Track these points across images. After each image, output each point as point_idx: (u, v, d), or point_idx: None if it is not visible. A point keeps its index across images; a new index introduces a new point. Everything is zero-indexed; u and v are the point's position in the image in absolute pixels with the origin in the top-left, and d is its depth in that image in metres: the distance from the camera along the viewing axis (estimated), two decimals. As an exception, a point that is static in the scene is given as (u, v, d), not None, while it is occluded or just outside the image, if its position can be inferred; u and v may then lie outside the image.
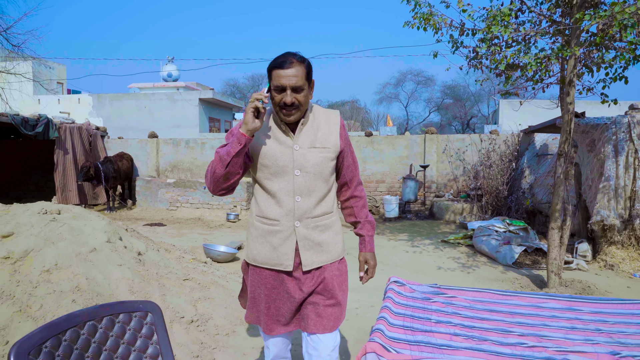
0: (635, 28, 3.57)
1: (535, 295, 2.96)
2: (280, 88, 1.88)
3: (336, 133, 2.02)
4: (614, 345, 2.26)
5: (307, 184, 1.95)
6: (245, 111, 1.85)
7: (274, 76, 1.89)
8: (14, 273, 3.34)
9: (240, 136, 1.84)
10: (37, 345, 1.43)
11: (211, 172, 1.90)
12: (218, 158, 1.88)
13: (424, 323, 2.50)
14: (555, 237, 5.04)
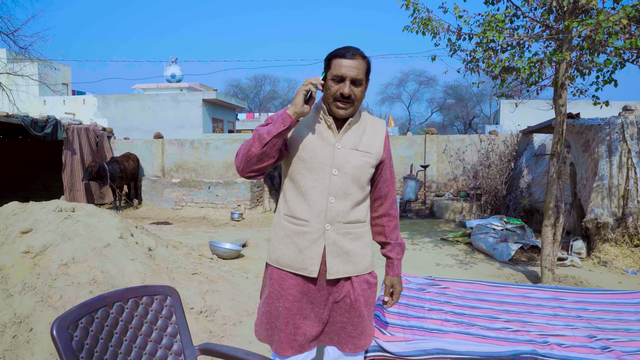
0: (621, 34, 3.76)
1: (523, 286, 3.16)
2: (340, 78, 1.78)
3: (381, 141, 1.91)
4: (592, 330, 2.46)
5: (343, 186, 1.82)
6: (297, 92, 1.74)
7: (335, 65, 1.79)
8: (34, 266, 3.55)
9: (286, 117, 1.73)
10: (74, 321, 1.64)
11: (245, 151, 1.76)
12: (257, 136, 1.74)
13: (418, 310, 2.70)
14: (548, 234, 5.23)
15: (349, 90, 1.76)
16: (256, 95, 54.07)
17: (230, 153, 12.31)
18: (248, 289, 4.63)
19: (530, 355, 2.11)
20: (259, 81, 53.24)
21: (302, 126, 1.86)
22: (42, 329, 3.00)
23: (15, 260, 3.57)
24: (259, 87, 53.91)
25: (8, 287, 3.31)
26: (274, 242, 1.89)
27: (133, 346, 1.80)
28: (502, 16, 4.53)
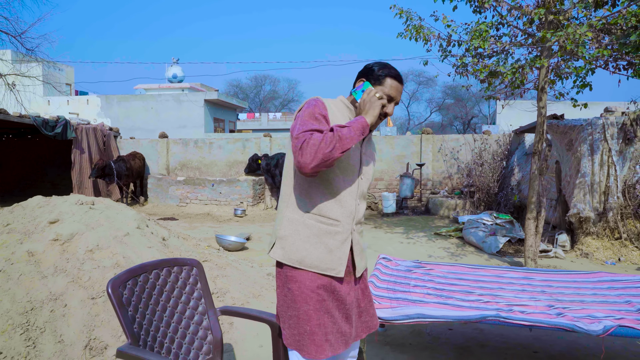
0: (592, 44, 4.17)
1: (498, 268, 3.58)
2: (389, 99, 1.87)
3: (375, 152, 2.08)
4: (552, 301, 2.87)
5: (363, 190, 1.93)
6: (373, 105, 1.79)
7: (389, 85, 1.86)
8: (63, 252, 3.96)
9: (366, 127, 1.75)
10: (123, 283, 2.05)
11: (322, 151, 1.65)
12: (338, 139, 1.67)
13: (404, 287, 3.12)
14: (531, 226, 5.65)
15: (392, 111, 1.89)
16: (256, 95, 54.48)
17: (233, 152, 12.73)
18: (253, 275, 5.05)
19: (495, 318, 2.53)
20: (259, 81, 53.70)
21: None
22: (75, 305, 3.41)
23: (46, 246, 3.97)
24: (259, 87, 54.35)
25: (41, 270, 3.72)
26: (297, 241, 1.81)
27: (167, 305, 2.22)
28: (486, 26, 4.93)
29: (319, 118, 1.78)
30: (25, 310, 3.25)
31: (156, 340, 2.09)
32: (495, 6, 5.18)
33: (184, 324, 2.24)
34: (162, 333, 2.13)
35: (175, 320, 2.22)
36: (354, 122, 1.74)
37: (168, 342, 2.15)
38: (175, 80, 31.57)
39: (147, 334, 2.05)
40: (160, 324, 2.14)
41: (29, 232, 4.19)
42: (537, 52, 5.38)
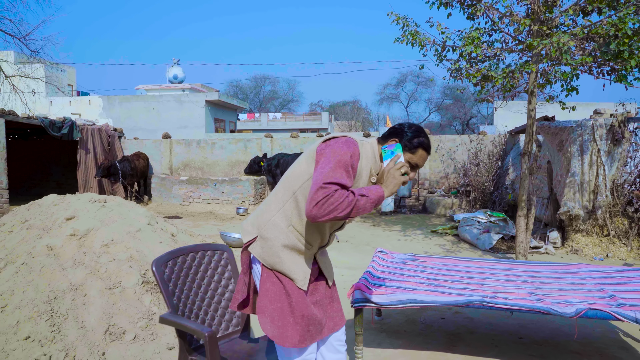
0: (577, 52, 4.45)
1: (486, 260, 3.85)
2: (415, 166, 1.97)
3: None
4: (533, 289, 3.15)
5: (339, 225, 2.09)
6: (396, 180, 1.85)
7: (419, 155, 1.94)
8: (80, 247, 4.23)
9: (382, 199, 1.85)
10: (164, 262, 2.37)
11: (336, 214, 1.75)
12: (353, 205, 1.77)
13: (398, 277, 3.40)
14: (522, 223, 5.93)
15: (413, 176, 1.95)
16: (256, 95, 54.75)
17: (234, 152, 12.99)
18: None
19: (479, 302, 2.80)
20: (259, 81, 53.97)
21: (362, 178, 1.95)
22: (94, 294, 3.68)
23: (64, 241, 4.24)
24: (259, 87, 54.62)
25: (61, 262, 3.99)
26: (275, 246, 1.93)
27: (201, 283, 2.54)
28: (478, 33, 5.21)
29: (349, 170, 1.84)
30: (49, 299, 3.52)
31: (192, 311, 2.43)
32: (487, 14, 5.45)
33: (215, 299, 2.57)
34: (197, 306, 2.46)
35: (208, 295, 2.55)
36: (373, 194, 1.82)
37: (202, 314, 2.49)
38: (176, 81, 31.85)
39: (184, 306, 2.38)
40: (195, 298, 2.46)
41: (47, 227, 4.45)
42: (527, 58, 5.66)
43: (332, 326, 2.09)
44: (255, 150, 12.75)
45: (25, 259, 3.97)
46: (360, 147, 1.94)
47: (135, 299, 3.80)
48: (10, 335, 3.20)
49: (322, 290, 2.07)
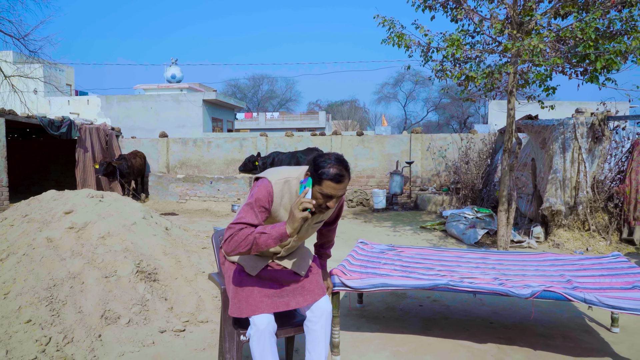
0: (549, 53, 4.69)
1: (460, 250, 4.10)
2: (328, 196, 2.13)
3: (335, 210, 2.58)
4: (498, 275, 3.39)
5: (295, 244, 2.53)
6: (295, 218, 2.01)
7: (326, 185, 2.10)
8: (78, 239, 4.47)
9: (285, 236, 2.06)
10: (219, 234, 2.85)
11: (239, 250, 2.11)
12: (253, 242, 2.07)
13: (375, 264, 3.64)
14: (502, 218, 6.17)
15: (333, 205, 2.16)
16: (254, 94, 54.96)
17: (230, 151, 13.23)
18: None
19: (445, 285, 3.05)
20: (257, 81, 54.19)
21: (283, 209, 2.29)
22: (91, 282, 3.92)
23: (62, 234, 4.47)
24: (257, 86, 54.83)
25: (60, 253, 4.23)
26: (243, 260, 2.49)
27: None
28: (460, 35, 5.45)
29: (257, 212, 2.17)
30: (49, 286, 3.75)
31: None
32: (468, 17, 5.69)
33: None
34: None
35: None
36: (274, 231, 2.08)
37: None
38: (174, 81, 32.06)
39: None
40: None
41: (46, 221, 4.69)
42: (507, 59, 5.90)
43: (299, 302, 2.54)
44: (250, 149, 12.99)
45: (26, 250, 4.20)
46: (278, 187, 2.22)
47: (130, 287, 4.04)
48: (13, 319, 3.43)
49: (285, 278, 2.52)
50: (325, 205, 2.16)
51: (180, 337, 3.64)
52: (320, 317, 2.56)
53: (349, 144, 12.36)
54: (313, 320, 2.56)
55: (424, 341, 3.58)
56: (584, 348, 3.49)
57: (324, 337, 2.55)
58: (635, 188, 6.99)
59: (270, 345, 2.39)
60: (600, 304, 2.77)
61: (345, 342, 3.53)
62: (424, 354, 3.37)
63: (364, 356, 3.32)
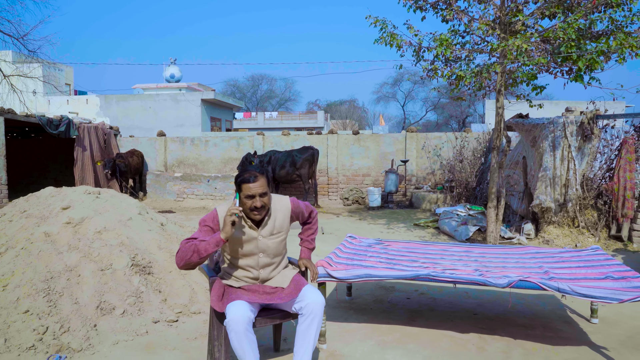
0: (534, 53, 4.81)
1: (445, 244, 4.22)
2: (251, 196, 2.58)
3: (287, 214, 2.82)
4: (479, 267, 3.52)
5: (266, 260, 2.75)
6: (225, 223, 2.49)
7: (244, 188, 2.59)
8: (75, 233, 4.59)
9: (219, 241, 2.50)
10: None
11: (185, 259, 2.53)
12: (194, 250, 2.50)
13: (361, 257, 3.76)
14: (492, 214, 6.30)
15: (260, 203, 2.60)
16: (253, 94, 55.06)
17: (227, 149, 13.36)
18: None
19: (426, 276, 3.17)
20: (256, 81, 54.29)
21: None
22: (87, 275, 4.05)
23: (60, 228, 4.59)
24: (256, 86, 54.93)
25: (57, 247, 4.35)
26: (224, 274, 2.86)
27: None
28: (449, 35, 5.58)
29: (202, 230, 2.64)
30: (46, 279, 3.88)
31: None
32: (457, 17, 5.82)
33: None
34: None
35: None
36: (212, 238, 2.54)
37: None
38: (173, 80, 32.16)
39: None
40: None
41: (44, 216, 4.81)
42: (495, 59, 6.02)
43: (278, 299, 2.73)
44: (247, 148, 13.11)
45: (25, 244, 4.32)
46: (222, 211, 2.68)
47: (125, 280, 4.16)
48: (12, 309, 3.56)
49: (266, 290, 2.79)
50: (253, 206, 2.61)
51: (173, 327, 3.76)
52: (313, 308, 2.68)
53: (344, 142, 12.48)
54: (305, 313, 2.68)
55: (409, 331, 3.71)
56: (563, 337, 3.62)
57: (315, 327, 2.68)
58: (623, 185, 7.12)
59: (245, 334, 2.51)
60: (573, 292, 2.90)
61: (332, 332, 3.65)
62: (408, 342, 3.49)
63: (349, 345, 3.44)
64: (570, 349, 3.41)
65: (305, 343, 2.64)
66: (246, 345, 2.52)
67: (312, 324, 2.65)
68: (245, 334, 2.51)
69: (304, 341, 2.64)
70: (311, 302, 2.66)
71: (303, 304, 2.68)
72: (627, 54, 5.12)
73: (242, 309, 2.55)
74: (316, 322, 2.66)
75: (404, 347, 3.42)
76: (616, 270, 3.26)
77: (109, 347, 3.38)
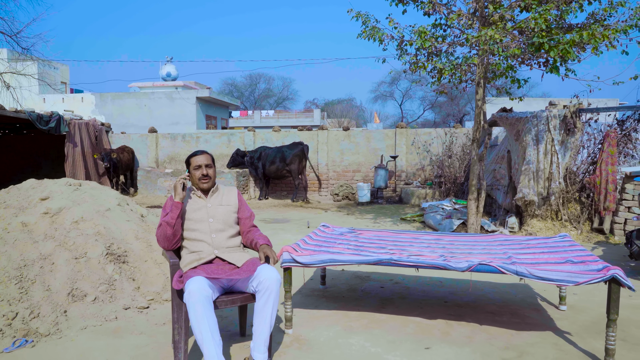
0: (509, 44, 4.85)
1: (417, 232, 4.26)
2: (198, 166, 3.00)
3: (235, 197, 3.14)
4: (445, 253, 3.55)
5: (218, 226, 2.98)
6: (176, 187, 2.90)
7: (192, 161, 3.02)
8: (52, 223, 4.62)
9: (176, 204, 2.89)
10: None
11: (162, 235, 2.90)
12: (165, 223, 2.87)
13: (329, 244, 3.79)
14: (472, 206, 6.34)
15: (205, 171, 3.01)
16: (251, 93, 55.06)
17: (219, 146, 13.39)
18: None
19: (389, 260, 3.21)
20: (254, 80, 54.28)
21: (186, 201, 3.04)
22: (61, 263, 4.08)
23: (38, 219, 4.62)
24: (254, 85, 54.93)
25: (33, 237, 4.38)
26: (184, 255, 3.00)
27: None
28: (425, 28, 5.61)
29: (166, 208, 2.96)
30: (19, 267, 3.91)
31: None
32: (436, 10, 5.85)
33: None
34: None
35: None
36: (169, 208, 2.94)
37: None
38: (169, 79, 32.13)
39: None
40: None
41: (23, 207, 4.84)
42: (475, 52, 6.06)
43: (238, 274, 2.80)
44: (238, 144, 13.14)
45: (1, 233, 4.35)
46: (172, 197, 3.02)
47: (99, 268, 4.20)
48: (-18, 296, 3.58)
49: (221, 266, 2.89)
50: (201, 175, 3.00)
51: (144, 313, 3.80)
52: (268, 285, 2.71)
53: (335, 138, 12.51)
54: (260, 289, 2.73)
55: (377, 317, 3.75)
56: (529, 323, 3.66)
57: (272, 304, 2.70)
58: (605, 179, 7.15)
59: (203, 309, 2.53)
60: (530, 275, 2.93)
61: (301, 318, 3.69)
62: (374, 328, 3.53)
63: (316, 329, 3.48)
64: (534, 333, 3.45)
65: (263, 321, 2.68)
66: (204, 323, 2.51)
67: (268, 301, 2.68)
68: (203, 310, 2.53)
69: (262, 319, 2.68)
70: (266, 278, 2.70)
71: (259, 282, 2.72)
72: (604, 46, 5.16)
73: (201, 283, 2.62)
74: (272, 299, 2.69)
75: (370, 332, 3.46)
76: (577, 255, 3.30)
77: (76, 331, 3.42)
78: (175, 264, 2.85)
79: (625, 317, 3.79)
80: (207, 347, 2.53)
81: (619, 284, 2.80)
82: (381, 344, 3.24)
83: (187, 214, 3.01)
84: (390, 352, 3.12)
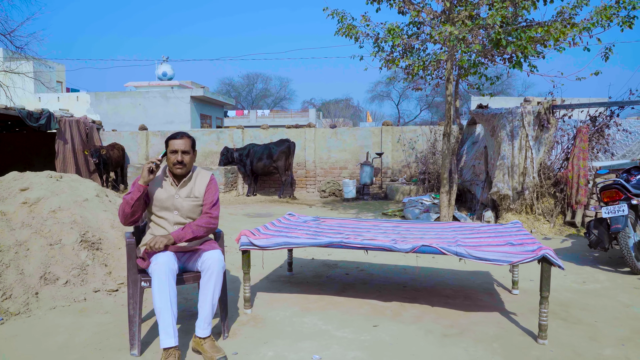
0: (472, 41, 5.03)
1: (377, 220, 4.44)
2: (174, 151, 2.91)
3: (204, 186, 3.04)
4: (397, 238, 3.72)
5: (182, 220, 2.97)
6: (143, 170, 2.83)
7: (170, 144, 2.93)
8: (30, 212, 4.80)
9: (140, 187, 2.83)
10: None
11: (122, 211, 2.87)
12: (125, 202, 2.84)
13: (289, 230, 3.97)
14: (444, 199, 6.52)
15: (181, 157, 2.93)
16: (249, 93, 55.23)
17: (208, 143, 13.57)
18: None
19: (339, 243, 3.39)
20: (252, 79, 54.46)
21: (156, 184, 2.99)
22: (36, 249, 4.25)
23: (16, 208, 4.80)
24: (251, 85, 55.11)
25: (11, 225, 4.56)
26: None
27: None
28: (395, 25, 5.79)
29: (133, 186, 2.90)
30: (-5, 252, 4.08)
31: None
32: (407, 8, 6.04)
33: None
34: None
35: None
36: (134, 187, 2.88)
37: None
38: (165, 78, 32.27)
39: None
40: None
41: (2, 197, 5.02)
42: (445, 48, 6.24)
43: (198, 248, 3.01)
44: (227, 141, 13.32)
45: (-21, 222, 4.53)
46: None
47: (73, 254, 4.38)
48: (-44, 279, 3.76)
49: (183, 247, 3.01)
50: (176, 160, 2.93)
51: (112, 295, 3.98)
52: (210, 264, 2.89)
53: (322, 136, 12.70)
54: (203, 268, 2.91)
55: (335, 300, 3.93)
56: (479, 305, 3.84)
57: (213, 283, 2.88)
58: (577, 173, 7.34)
59: (168, 280, 2.71)
60: (469, 256, 3.12)
61: (262, 300, 3.87)
62: (330, 309, 3.71)
63: (274, 310, 3.66)
64: (481, 314, 3.63)
65: (205, 298, 2.85)
66: (166, 293, 2.67)
67: (210, 279, 2.86)
68: (168, 281, 2.70)
69: (204, 296, 2.86)
70: (207, 258, 2.88)
71: (202, 261, 2.90)
72: (566, 43, 5.34)
73: (169, 256, 2.80)
74: (214, 278, 2.86)
75: (325, 312, 3.64)
76: (519, 238, 3.48)
77: (45, 311, 3.60)
78: (131, 244, 3.01)
79: (572, 300, 3.98)
80: (165, 315, 2.68)
81: (550, 263, 2.98)
82: (333, 323, 3.42)
83: (156, 194, 2.97)
84: (339, 329, 3.30)
